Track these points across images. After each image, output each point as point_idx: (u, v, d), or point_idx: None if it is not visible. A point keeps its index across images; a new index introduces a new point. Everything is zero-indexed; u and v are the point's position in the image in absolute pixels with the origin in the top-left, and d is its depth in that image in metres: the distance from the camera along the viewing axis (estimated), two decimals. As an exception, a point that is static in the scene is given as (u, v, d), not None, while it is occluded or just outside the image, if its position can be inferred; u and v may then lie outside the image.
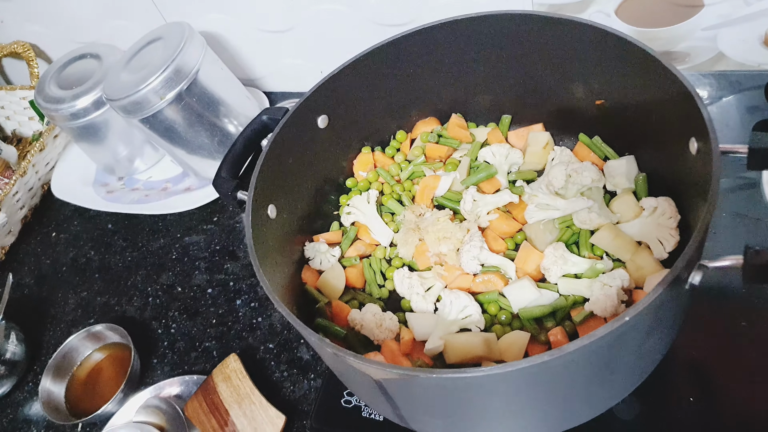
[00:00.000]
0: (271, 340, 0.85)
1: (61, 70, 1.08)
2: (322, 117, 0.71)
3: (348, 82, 0.70)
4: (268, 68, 1.14)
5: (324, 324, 0.66)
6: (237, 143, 0.66)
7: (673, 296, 0.45)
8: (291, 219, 0.69)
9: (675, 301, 0.47)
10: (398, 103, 0.77)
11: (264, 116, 0.67)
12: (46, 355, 0.94)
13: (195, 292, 0.96)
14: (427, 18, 0.92)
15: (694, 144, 0.53)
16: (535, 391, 0.46)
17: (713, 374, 0.61)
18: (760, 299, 0.64)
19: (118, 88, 0.94)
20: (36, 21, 1.20)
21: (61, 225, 1.14)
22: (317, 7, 0.97)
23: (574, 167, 0.64)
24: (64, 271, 1.07)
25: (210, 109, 0.97)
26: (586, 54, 0.63)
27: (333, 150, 0.75)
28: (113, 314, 0.98)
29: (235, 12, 1.04)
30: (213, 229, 1.03)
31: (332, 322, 0.67)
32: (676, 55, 0.90)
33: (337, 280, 0.70)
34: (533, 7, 0.87)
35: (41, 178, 1.17)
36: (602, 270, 0.60)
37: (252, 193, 0.59)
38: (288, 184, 0.68)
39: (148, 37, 0.99)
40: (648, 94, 0.59)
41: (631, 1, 0.84)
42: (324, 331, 0.66)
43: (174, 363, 0.88)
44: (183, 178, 1.11)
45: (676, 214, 0.60)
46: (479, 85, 0.74)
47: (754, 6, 0.80)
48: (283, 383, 0.80)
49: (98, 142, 1.09)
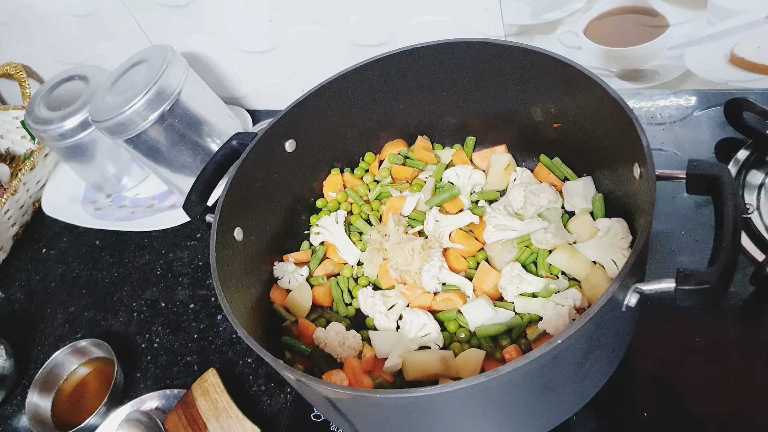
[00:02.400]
0: (250, 354, 0.87)
1: (50, 92, 1.11)
2: (290, 141, 0.73)
3: (315, 107, 0.72)
4: (251, 87, 1.17)
5: (290, 342, 0.68)
6: (207, 168, 0.68)
7: (609, 318, 0.47)
8: (259, 240, 0.72)
9: (612, 322, 0.49)
10: (366, 127, 0.79)
11: (234, 141, 0.69)
12: (35, 369, 0.96)
13: (178, 308, 0.98)
14: (402, 39, 0.95)
15: (638, 169, 0.55)
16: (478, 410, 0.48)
17: (668, 389, 0.63)
18: (715, 315, 0.65)
19: (102, 109, 0.97)
20: (28, 43, 1.24)
21: (51, 242, 1.17)
22: (297, 28, 1.00)
23: (531, 189, 0.66)
24: (53, 286, 1.10)
25: (192, 129, 1.00)
26: (541, 79, 0.65)
27: (302, 172, 0.77)
28: (99, 329, 1.00)
29: (218, 33, 1.07)
30: (196, 245, 1.05)
31: (298, 341, 0.69)
32: (646, 73, 0.92)
33: (304, 299, 0.72)
34: (504, 28, 0.89)
35: (32, 195, 1.20)
36: (555, 290, 0.62)
37: (218, 217, 0.62)
38: (255, 207, 0.70)
39: (132, 60, 1.02)
40: (598, 118, 0.61)
41: (599, 21, 0.86)
42: (290, 349, 0.68)
43: (156, 377, 0.91)
44: (168, 195, 1.14)
45: (628, 235, 0.61)
46: (444, 109, 0.77)
47: (717, 26, 0.82)
48: (260, 397, 0.82)
49: (86, 161, 1.12)
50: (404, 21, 0.92)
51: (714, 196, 0.48)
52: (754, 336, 0.63)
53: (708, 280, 0.44)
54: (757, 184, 0.75)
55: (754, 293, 0.66)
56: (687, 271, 0.45)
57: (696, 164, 0.50)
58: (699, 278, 0.44)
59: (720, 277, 0.44)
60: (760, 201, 0.73)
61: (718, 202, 0.47)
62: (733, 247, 0.44)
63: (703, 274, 0.44)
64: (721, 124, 0.86)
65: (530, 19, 0.87)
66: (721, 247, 0.45)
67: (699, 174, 0.49)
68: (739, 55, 0.85)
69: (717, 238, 0.46)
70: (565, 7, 0.84)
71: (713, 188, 0.49)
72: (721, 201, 0.47)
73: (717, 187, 0.48)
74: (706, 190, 0.49)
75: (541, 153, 0.74)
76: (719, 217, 0.47)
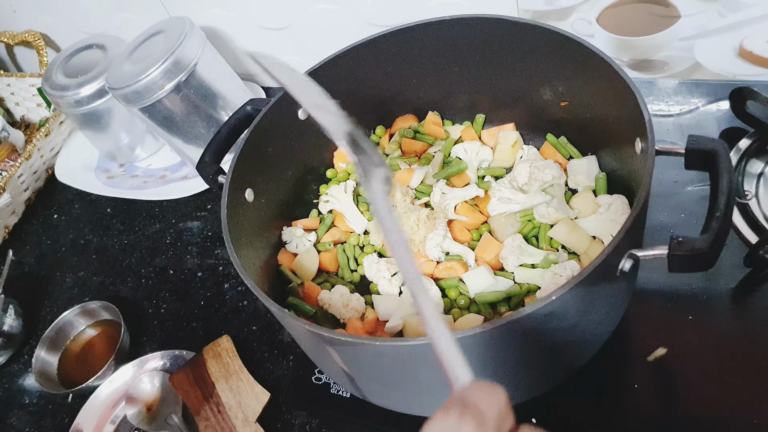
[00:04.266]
0: (255, 323, 0.89)
1: (68, 59, 1.13)
2: (303, 110, 0.75)
3: (328, 77, 0.74)
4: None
5: (295, 302, 0.70)
6: (221, 131, 0.70)
7: (604, 281, 0.49)
8: (269, 204, 0.73)
9: (607, 286, 0.51)
10: (378, 100, 0.81)
11: (248, 106, 0.71)
12: (43, 330, 0.98)
13: (186, 275, 1.00)
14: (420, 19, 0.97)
15: (639, 144, 0.56)
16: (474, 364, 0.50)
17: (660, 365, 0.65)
18: (709, 295, 0.67)
19: (119, 77, 0.99)
20: (47, 11, 1.26)
21: (63, 208, 1.20)
22: (314, 6, 1.02)
23: (537, 165, 0.68)
24: (63, 251, 1.12)
25: (207, 101, 1.02)
26: (551, 57, 0.67)
27: (313, 141, 0.79)
28: (107, 293, 1.02)
29: (236, 8, 1.08)
30: (206, 216, 1.07)
31: (303, 302, 0.71)
32: (656, 64, 0.93)
33: (310, 263, 0.74)
34: (519, 13, 0.90)
35: (46, 162, 1.22)
36: (554, 261, 0.64)
37: (230, 175, 0.64)
38: (267, 170, 0.72)
39: (150, 31, 1.04)
40: (604, 96, 0.63)
41: (612, 9, 0.88)
42: (295, 309, 0.70)
43: (162, 341, 0.93)
44: (181, 166, 1.16)
45: (628, 211, 0.63)
46: (455, 86, 0.78)
47: (728, 18, 0.83)
48: (263, 363, 0.84)
49: (101, 129, 1.14)
50: (422, 2, 0.94)
51: (710, 170, 0.50)
52: (747, 315, 0.65)
53: (699, 247, 0.45)
54: (757, 173, 0.76)
55: (748, 275, 0.67)
56: (680, 238, 0.46)
57: (695, 139, 0.51)
58: (691, 245, 0.46)
59: (711, 244, 0.45)
60: (758, 189, 0.74)
61: (714, 175, 0.49)
62: (725, 216, 0.46)
63: (694, 240, 0.46)
64: (729, 118, 0.87)
65: (545, 5, 0.88)
66: (713, 217, 0.46)
67: (697, 149, 0.51)
68: (747, 48, 0.86)
69: (711, 209, 0.47)
70: (579, -7, 0.86)
71: (710, 163, 0.50)
72: (716, 173, 0.49)
73: (714, 161, 0.50)
74: (704, 165, 0.51)
75: (547, 132, 0.76)
76: (714, 190, 0.48)
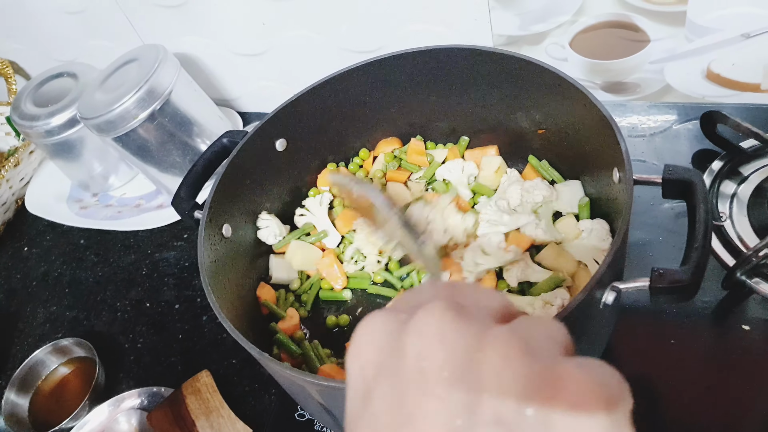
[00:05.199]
0: (235, 356, 0.87)
1: (38, 88, 1.11)
2: (281, 141, 0.74)
3: (306, 108, 0.73)
4: (243, 89, 1.18)
5: (282, 339, 0.69)
6: (197, 164, 0.69)
7: (587, 315, 0.49)
8: (246, 237, 0.72)
9: (590, 320, 0.51)
10: (357, 128, 0.81)
11: (224, 139, 0.70)
12: (12, 369, 0.95)
13: (163, 308, 0.97)
14: (393, 46, 0.97)
15: (617, 174, 0.57)
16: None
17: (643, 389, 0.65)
18: (689, 318, 0.67)
19: (92, 107, 0.97)
20: (16, 38, 1.24)
21: (34, 240, 1.16)
22: (290, 33, 1.02)
23: (526, 186, 0.69)
24: (34, 285, 1.09)
25: (182, 129, 1.00)
26: (527, 86, 0.67)
27: (291, 171, 0.79)
28: (81, 328, 0.99)
29: (211, 35, 1.08)
30: (183, 245, 1.05)
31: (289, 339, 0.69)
32: (628, 86, 0.95)
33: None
34: (493, 38, 0.92)
35: (15, 193, 1.19)
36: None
37: (206, 213, 0.62)
38: (245, 203, 0.71)
39: (123, 58, 1.02)
40: (581, 125, 0.63)
41: (584, 34, 0.89)
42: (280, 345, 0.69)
43: (139, 377, 0.90)
44: (156, 195, 1.14)
45: (608, 236, 0.64)
46: (434, 113, 0.78)
47: (695, 43, 0.85)
48: (245, 398, 0.82)
49: (73, 159, 1.11)
50: (395, 29, 0.94)
51: (687, 200, 0.51)
52: (725, 337, 0.66)
53: (680, 278, 0.46)
54: (730, 194, 0.77)
55: (725, 297, 0.68)
56: (661, 270, 0.47)
57: (672, 170, 0.52)
58: (672, 276, 0.46)
59: (692, 275, 0.46)
60: (732, 210, 0.75)
61: (691, 206, 0.50)
62: (704, 247, 0.47)
63: (675, 272, 0.46)
64: (699, 137, 0.89)
65: (519, 30, 0.90)
66: (693, 248, 0.47)
67: (674, 179, 0.51)
68: (715, 71, 0.88)
69: (689, 240, 0.48)
70: (553, 19, 0.87)
71: (687, 193, 0.51)
72: (693, 204, 0.49)
73: (690, 191, 0.50)
74: (681, 194, 0.52)
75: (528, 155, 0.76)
76: (692, 220, 0.49)
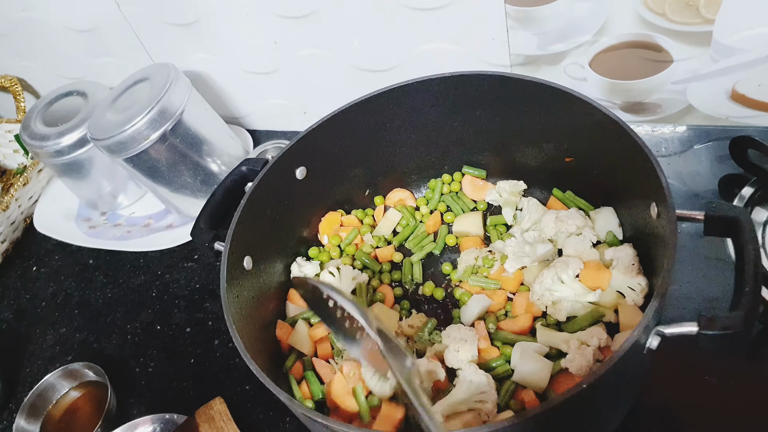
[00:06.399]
0: (248, 382, 0.85)
1: (48, 107, 1.09)
2: (301, 168, 0.72)
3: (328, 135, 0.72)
4: (253, 107, 1.16)
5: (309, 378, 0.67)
6: (216, 193, 0.67)
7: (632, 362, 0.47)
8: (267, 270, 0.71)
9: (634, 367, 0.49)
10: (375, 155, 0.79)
11: (243, 167, 0.68)
12: (23, 392, 0.93)
13: (174, 331, 0.96)
14: (408, 65, 0.95)
15: (655, 209, 0.55)
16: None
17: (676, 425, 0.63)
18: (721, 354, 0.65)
19: (103, 127, 0.95)
20: (25, 56, 1.22)
21: (42, 259, 1.14)
22: (302, 51, 1.00)
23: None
24: (43, 306, 1.07)
25: (194, 149, 0.99)
26: (554, 113, 0.66)
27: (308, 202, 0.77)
28: (91, 351, 0.98)
29: (222, 53, 1.06)
30: (193, 267, 1.03)
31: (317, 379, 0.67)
32: (648, 106, 0.93)
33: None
34: (510, 58, 0.90)
35: (24, 212, 1.17)
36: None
37: (228, 245, 0.60)
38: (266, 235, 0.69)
39: (134, 77, 1.01)
40: (613, 156, 0.62)
41: (604, 54, 0.88)
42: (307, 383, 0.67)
43: (150, 403, 0.88)
44: (165, 214, 1.12)
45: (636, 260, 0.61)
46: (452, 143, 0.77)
47: (720, 63, 0.83)
48: (259, 426, 0.80)
49: (82, 178, 1.10)
50: (410, 48, 0.93)
51: (733, 238, 0.49)
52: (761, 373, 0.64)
53: (731, 325, 0.44)
54: (762, 221, 0.76)
55: (762, 331, 0.66)
56: (709, 316, 0.45)
57: (715, 206, 0.50)
58: (723, 323, 0.44)
59: (743, 322, 0.44)
60: (765, 238, 0.74)
61: (738, 245, 0.48)
62: (755, 291, 0.45)
63: (725, 318, 0.44)
64: (720, 158, 0.87)
65: (537, 49, 0.88)
66: (743, 291, 0.45)
67: (718, 216, 0.50)
68: (740, 92, 0.86)
69: (738, 282, 0.46)
70: (572, 39, 0.86)
71: (732, 231, 0.49)
72: (740, 244, 0.47)
73: (736, 229, 0.48)
74: (725, 232, 0.50)
75: (552, 186, 0.74)
76: (740, 261, 0.47)
